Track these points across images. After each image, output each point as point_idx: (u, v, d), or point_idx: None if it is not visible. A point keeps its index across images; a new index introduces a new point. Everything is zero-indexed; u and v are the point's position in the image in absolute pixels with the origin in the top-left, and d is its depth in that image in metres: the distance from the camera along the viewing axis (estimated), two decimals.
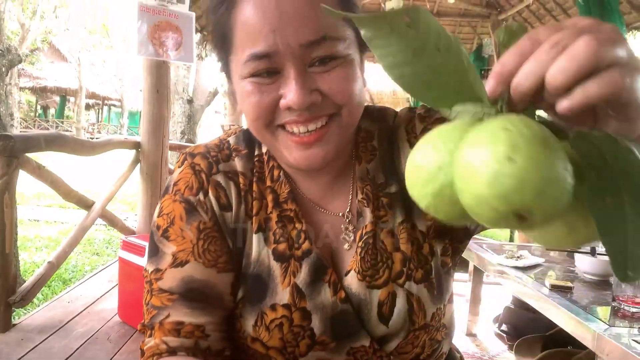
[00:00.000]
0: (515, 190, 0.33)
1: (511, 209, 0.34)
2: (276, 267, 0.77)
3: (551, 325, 2.25)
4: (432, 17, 0.38)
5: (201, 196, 0.77)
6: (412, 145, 0.81)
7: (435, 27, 0.39)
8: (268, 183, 0.80)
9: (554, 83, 0.36)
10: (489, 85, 0.39)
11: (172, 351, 0.73)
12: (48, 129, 25.99)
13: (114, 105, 32.16)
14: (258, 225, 0.79)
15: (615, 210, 0.36)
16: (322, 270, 0.77)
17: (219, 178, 0.79)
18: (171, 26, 3.45)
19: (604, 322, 1.64)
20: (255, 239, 0.78)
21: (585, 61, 0.35)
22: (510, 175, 0.33)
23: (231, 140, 0.84)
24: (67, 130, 25.53)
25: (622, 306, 1.74)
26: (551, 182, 0.33)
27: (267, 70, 0.68)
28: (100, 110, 33.62)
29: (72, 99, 27.56)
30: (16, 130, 15.83)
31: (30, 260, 5.51)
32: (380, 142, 0.84)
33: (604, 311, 1.76)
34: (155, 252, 0.77)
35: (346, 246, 0.80)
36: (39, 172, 2.65)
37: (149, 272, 0.77)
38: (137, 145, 3.70)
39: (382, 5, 6.15)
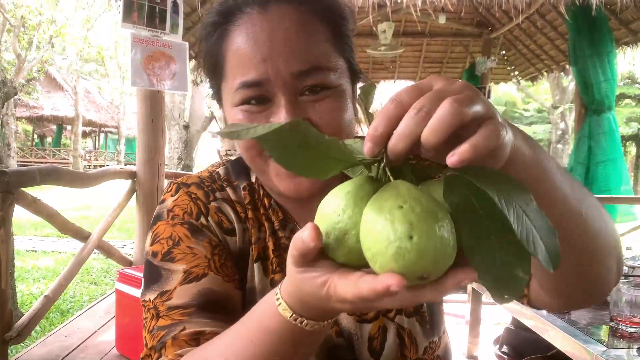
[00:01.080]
0: (416, 262, 0.40)
1: (414, 276, 0.41)
2: None
3: (551, 345, 2.24)
4: (309, 126, 0.44)
5: (203, 220, 0.76)
6: None
7: (313, 131, 0.44)
8: (262, 211, 0.81)
9: (429, 144, 0.41)
10: (367, 147, 0.45)
11: None
12: (45, 157, 26.04)
13: (111, 133, 32.25)
14: (257, 254, 0.79)
15: (486, 247, 0.43)
16: None
17: (218, 204, 0.79)
18: (165, 56, 3.48)
19: (602, 344, 1.63)
20: (256, 268, 0.78)
21: (452, 121, 0.41)
22: (411, 251, 0.40)
23: (220, 171, 0.84)
24: (64, 159, 25.57)
25: (620, 326, 1.73)
26: (442, 248, 0.40)
27: (258, 98, 0.69)
28: (97, 137, 33.73)
29: (68, 127, 27.66)
30: (13, 160, 15.87)
31: (28, 291, 5.48)
32: None
33: (602, 332, 1.75)
34: (157, 278, 0.73)
35: None
36: (35, 205, 2.65)
37: (151, 299, 0.73)
38: (132, 175, 3.71)
39: (375, 28, 6.22)
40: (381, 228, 0.41)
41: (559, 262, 0.40)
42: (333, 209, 0.46)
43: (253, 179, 0.83)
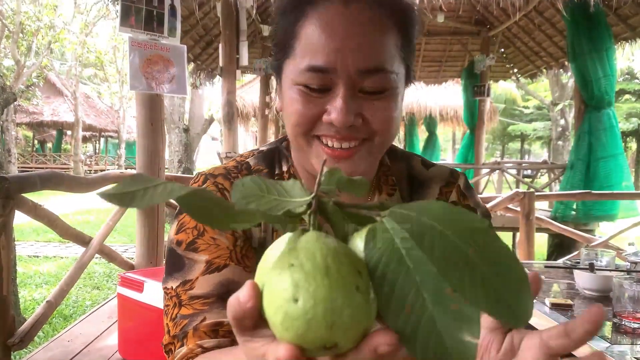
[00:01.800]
0: (307, 330, 0.33)
1: (314, 346, 0.34)
2: None
3: None
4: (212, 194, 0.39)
5: None
6: None
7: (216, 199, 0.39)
8: None
9: None
10: None
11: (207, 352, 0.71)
12: (46, 163, 26.07)
13: (111, 137, 32.29)
14: None
15: (417, 307, 0.34)
16: None
17: None
18: (163, 59, 3.48)
19: (606, 340, 1.63)
20: None
21: None
22: (298, 317, 0.33)
23: (250, 161, 0.86)
24: (65, 164, 25.60)
25: (623, 322, 1.72)
26: (339, 310, 0.33)
27: (320, 84, 0.71)
28: (97, 142, 33.79)
29: (69, 132, 27.69)
30: (14, 166, 15.88)
31: (31, 297, 5.48)
32: (399, 180, 0.88)
33: (605, 328, 1.75)
34: (180, 267, 0.76)
35: None
36: (36, 211, 2.65)
37: (174, 287, 0.76)
38: None
39: None
40: (270, 291, 0.35)
41: (529, 317, 0.33)
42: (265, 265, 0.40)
43: (285, 168, 0.86)
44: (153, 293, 2.40)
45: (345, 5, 0.70)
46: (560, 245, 6.76)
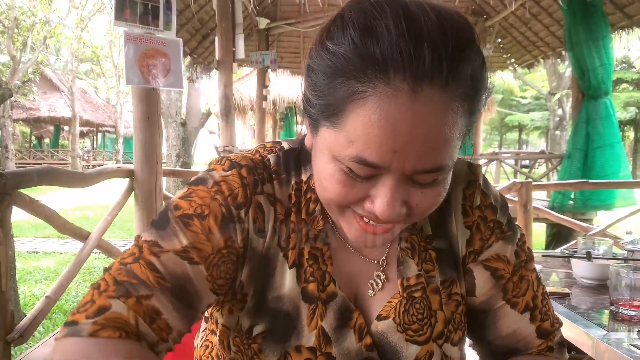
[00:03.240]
0: None
1: None
2: (304, 308, 0.74)
3: None
4: None
5: (242, 213, 0.72)
6: (466, 214, 0.81)
7: None
8: (303, 215, 0.77)
9: None
10: None
11: (128, 333, 0.63)
12: (43, 159, 26.05)
13: (109, 132, 32.25)
14: (293, 260, 0.75)
15: None
16: (348, 314, 0.75)
17: (262, 199, 0.74)
18: (159, 53, 3.47)
19: (603, 328, 1.63)
20: (290, 275, 0.75)
21: None
22: None
23: (271, 159, 0.78)
24: (62, 159, 25.56)
25: (620, 310, 1.73)
26: None
27: (367, 174, 0.62)
28: (94, 137, 33.72)
29: (66, 127, 27.64)
30: (12, 162, 15.87)
31: (30, 293, 5.49)
32: None
33: (602, 316, 1.76)
34: (162, 226, 0.70)
35: (370, 292, 0.78)
36: (33, 206, 2.65)
37: (144, 239, 0.70)
38: (130, 174, 3.70)
39: None
40: None
41: None
42: None
43: (304, 177, 0.78)
44: None
45: (413, 96, 0.56)
46: (558, 235, 6.78)
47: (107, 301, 0.64)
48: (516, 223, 0.85)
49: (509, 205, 0.89)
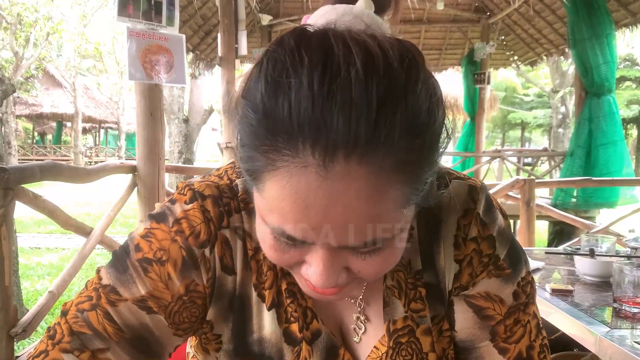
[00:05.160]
0: None
1: None
2: (287, 351, 0.69)
3: (555, 328, 2.25)
4: None
5: (207, 252, 0.67)
6: (457, 247, 0.71)
7: None
8: None
9: None
10: None
11: None
12: (46, 155, 26.10)
13: (111, 128, 32.29)
14: (272, 300, 0.69)
15: None
16: (335, 351, 0.70)
17: (228, 234, 0.68)
18: (162, 49, 3.47)
19: (606, 325, 1.63)
20: (269, 317, 0.69)
21: None
22: None
23: (239, 185, 0.70)
24: (65, 156, 25.61)
25: (623, 307, 1.73)
26: None
27: (295, 243, 0.55)
28: (97, 133, 33.78)
29: (68, 124, 27.71)
30: (15, 158, 15.89)
31: (33, 288, 5.51)
32: (419, 218, 0.71)
33: (605, 313, 1.76)
34: (121, 270, 0.66)
35: (355, 338, 0.72)
36: (36, 202, 2.65)
37: (102, 283, 0.66)
38: (133, 169, 3.71)
39: None
40: None
41: None
42: None
43: None
44: None
45: (325, 167, 0.47)
46: (560, 233, 6.78)
47: (60, 355, 0.63)
48: (512, 217, 0.78)
49: (511, 202, 0.84)
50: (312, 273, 0.56)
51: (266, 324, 0.69)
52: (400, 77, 0.49)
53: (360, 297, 0.72)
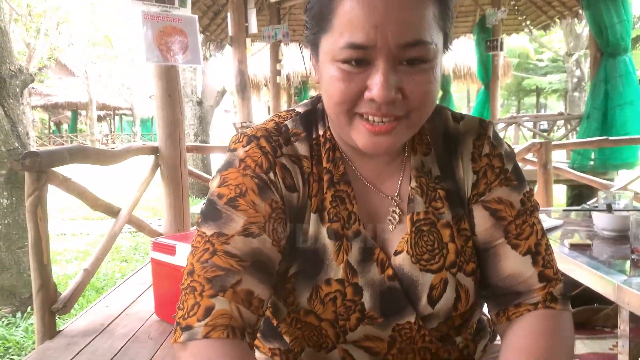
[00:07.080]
0: None
1: None
2: (330, 245, 0.82)
3: (576, 284, 2.30)
4: None
5: (272, 175, 0.81)
6: (474, 161, 0.88)
7: None
8: (324, 164, 0.86)
9: None
10: None
11: (242, 330, 0.72)
12: (63, 144, 26.38)
13: (125, 115, 32.54)
14: (316, 206, 0.84)
15: None
16: (370, 250, 0.83)
17: (284, 161, 0.83)
18: (176, 30, 3.52)
19: (624, 274, 1.68)
20: (313, 218, 0.84)
21: None
22: None
23: (289, 124, 0.87)
24: (82, 144, 25.87)
25: None
26: None
27: (359, 60, 0.71)
28: (112, 120, 34.04)
29: (83, 112, 27.93)
30: (33, 149, 16.08)
31: (63, 272, 5.67)
32: (433, 139, 0.89)
33: (623, 264, 1.80)
34: (216, 217, 0.78)
35: (390, 227, 0.86)
36: (66, 184, 2.76)
37: (209, 234, 0.77)
38: (155, 150, 3.80)
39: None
40: None
41: None
42: None
43: (321, 132, 0.88)
44: (185, 255, 2.51)
45: None
46: (579, 196, 6.76)
47: (210, 301, 0.72)
48: (530, 183, 0.90)
49: (529, 167, 0.94)
50: (374, 85, 0.71)
51: (312, 224, 0.84)
52: None
53: (396, 194, 0.87)
